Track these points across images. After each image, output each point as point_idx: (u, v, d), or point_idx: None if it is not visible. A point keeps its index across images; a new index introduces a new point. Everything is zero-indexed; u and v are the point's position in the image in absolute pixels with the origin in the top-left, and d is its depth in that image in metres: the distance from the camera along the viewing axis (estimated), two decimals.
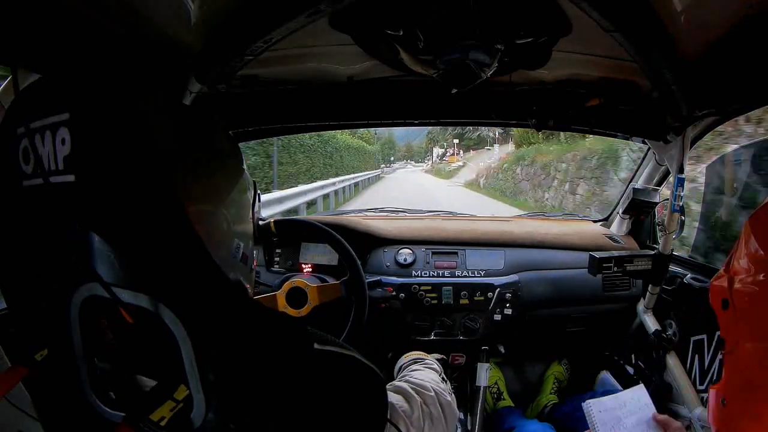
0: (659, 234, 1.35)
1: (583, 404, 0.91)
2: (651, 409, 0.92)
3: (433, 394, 0.67)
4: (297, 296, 1.26)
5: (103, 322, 0.45)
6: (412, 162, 56.70)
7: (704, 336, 1.17)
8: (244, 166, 0.54)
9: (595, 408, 0.90)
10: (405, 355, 1.04)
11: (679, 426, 0.85)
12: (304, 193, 7.12)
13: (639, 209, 1.49)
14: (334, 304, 1.27)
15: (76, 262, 0.43)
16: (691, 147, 1.17)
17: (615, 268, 1.22)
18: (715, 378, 1.13)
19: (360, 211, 1.86)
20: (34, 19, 0.57)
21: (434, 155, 42.11)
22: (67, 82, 0.44)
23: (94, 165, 0.39)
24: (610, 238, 1.58)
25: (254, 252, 0.56)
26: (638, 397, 0.94)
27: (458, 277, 1.45)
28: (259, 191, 0.61)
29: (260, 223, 1.36)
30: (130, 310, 0.42)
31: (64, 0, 0.58)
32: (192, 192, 0.44)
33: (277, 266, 1.49)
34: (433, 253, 1.50)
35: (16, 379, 0.48)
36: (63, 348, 0.46)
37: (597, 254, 1.23)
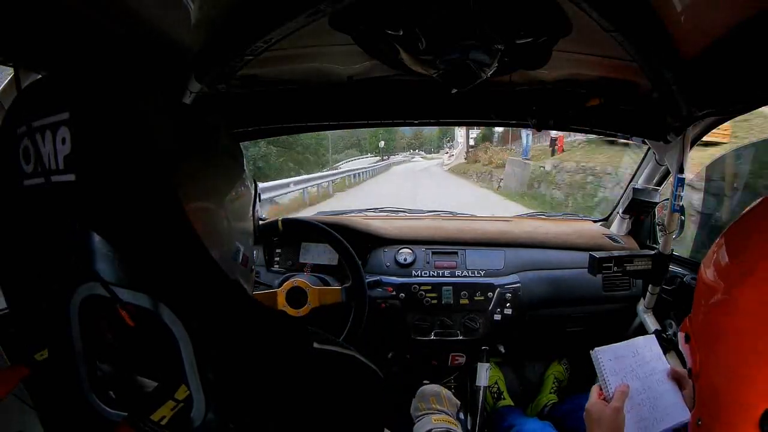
0: (659, 234, 1.35)
1: (591, 352, 0.82)
2: (663, 360, 0.82)
3: None
4: (297, 296, 1.26)
5: (104, 324, 0.45)
6: (422, 152, 41.25)
7: None
8: (245, 166, 0.54)
9: (604, 356, 0.80)
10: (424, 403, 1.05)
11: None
12: None
13: (639, 209, 1.49)
14: (335, 305, 1.27)
15: (76, 262, 0.43)
16: (691, 147, 1.17)
17: (615, 268, 1.22)
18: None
19: (360, 210, 1.86)
20: (34, 20, 0.57)
21: (461, 140, 24.07)
22: (67, 82, 0.44)
23: (94, 164, 0.39)
24: (610, 238, 1.57)
25: (254, 252, 0.56)
26: (650, 345, 0.84)
27: (458, 277, 1.45)
28: (260, 191, 0.61)
29: (267, 220, 1.36)
30: (129, 309, 0.42)
31: (65, 0, 0.58)
32: (192, 191, 0.44)
33: (277, 266, 1.50)
34: (433, 252, 1.50)
35: (17, 379, 0.48)
36: (63, 348, 0.46)
37: (597, 254, 1.23)
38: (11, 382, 0.48)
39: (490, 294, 1.42)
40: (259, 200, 0.59)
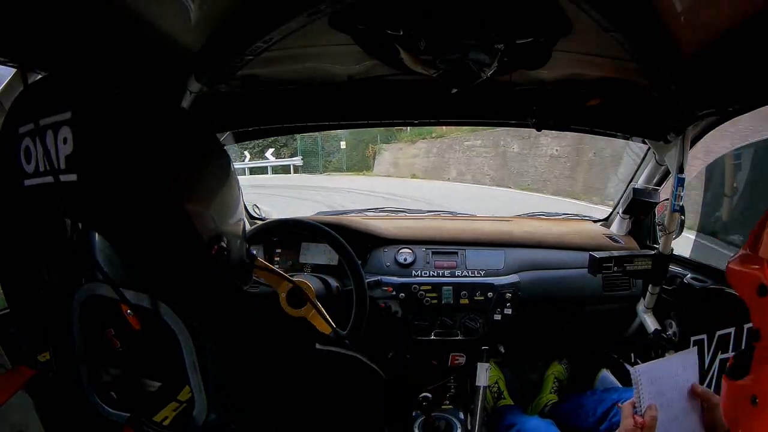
0: (659, 234, 1.35)
1: (631, 369, 0.77)
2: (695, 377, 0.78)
3: None
4: (298, 296, 1.26)
5: (106, 325, 0.45)
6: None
7: (704, 336, 1.17)
8: (233, 168, 0.54)
9: (644, 377, 0.75)
10: None
11: (718, 402, 0.73)
12: None
13: (639, 209, 1.49)
14: (334, 306, 1.27)
15: (78, 262, 0.43)
16: (691, 147, 1.17)
17: (615, 268, 1.22)
18: (715, 377, 1.13)
19: (360, 211, 1.86)
20: (36, 20, 0.57)
21: None
22: (69, 82, 0.44)
23: (96, 164, 0.39)
24: (610, 238, 1.57)
25: (245, 251, 0.56)
26: (691, 367, 0.79)
27: (458, 276, 1.45)
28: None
29: (267, 221, 1.36)
30: (134, 310, 0.42)
31: (66, 1, 0.58)
32: (191, 192, 0.44)
33: (277, 266, 1.49)
34: (433, 252, 1.50)
35: (21, 381, 0.48)
36: (65, 348, 0.46)
37: (597, 254, 1.23)
38: (15, 385, 0.48)
39: (490, 294, 1.42)
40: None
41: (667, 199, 1.26)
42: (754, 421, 0.48)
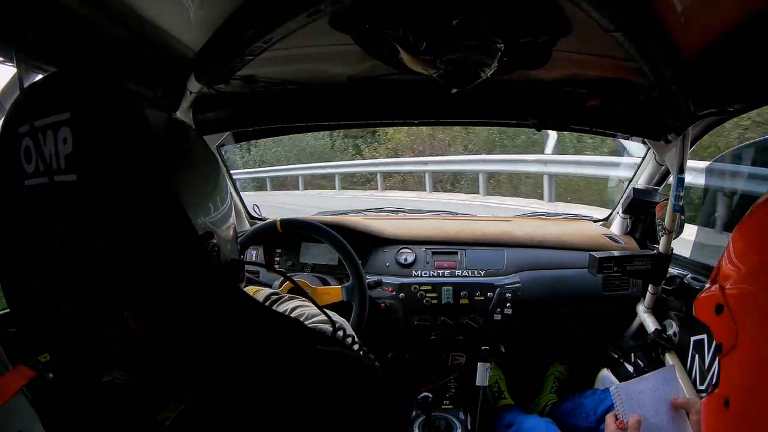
0: (659, 234, 1.35)
1: (611, 388, 0.82)
2: (682, 393, 0.82)
3: None
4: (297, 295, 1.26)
5: (107, 326, 0.45)
6: None
7: (704, 336, 1.17)
8: (222, 172, 0.55)
9: (623, 392, 0.80)
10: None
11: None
12: None
13: (639, 209, 1.49)
14: (334, 306, 1.27)
15: (78, 261, 0.43)
16: (691, 147, 1.17)
17: (615, 268, 1.22)
18: (716, 377, 1.13)
19: (360, 211, 1.86)
20: (36, 20, 0.57)
21: None
22: (68, 82, 0.44)
23: (96, 164, 0.39)
24: (610, 238, 1.57)
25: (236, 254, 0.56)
26: (669, 381, 0.83)
27: (458, 276, 1.45)
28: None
29: (266, 221, 1.37)
30: (134, 310, 0.42)
31: (66, 1, 0.58)
32: (186, 192, 0.44)
33: (277, 266, 1.50)
34: (434, 252, 1.50)
35: (22, 381, 0.48)
36: (65, 348, 0.46)
37: (597, 254, 1.23)
38: (15, 386, 0.48)
39: (490, 294, 1.42)
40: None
41: (667, 199, 1.26)
42: (726, 424, 0.51)
